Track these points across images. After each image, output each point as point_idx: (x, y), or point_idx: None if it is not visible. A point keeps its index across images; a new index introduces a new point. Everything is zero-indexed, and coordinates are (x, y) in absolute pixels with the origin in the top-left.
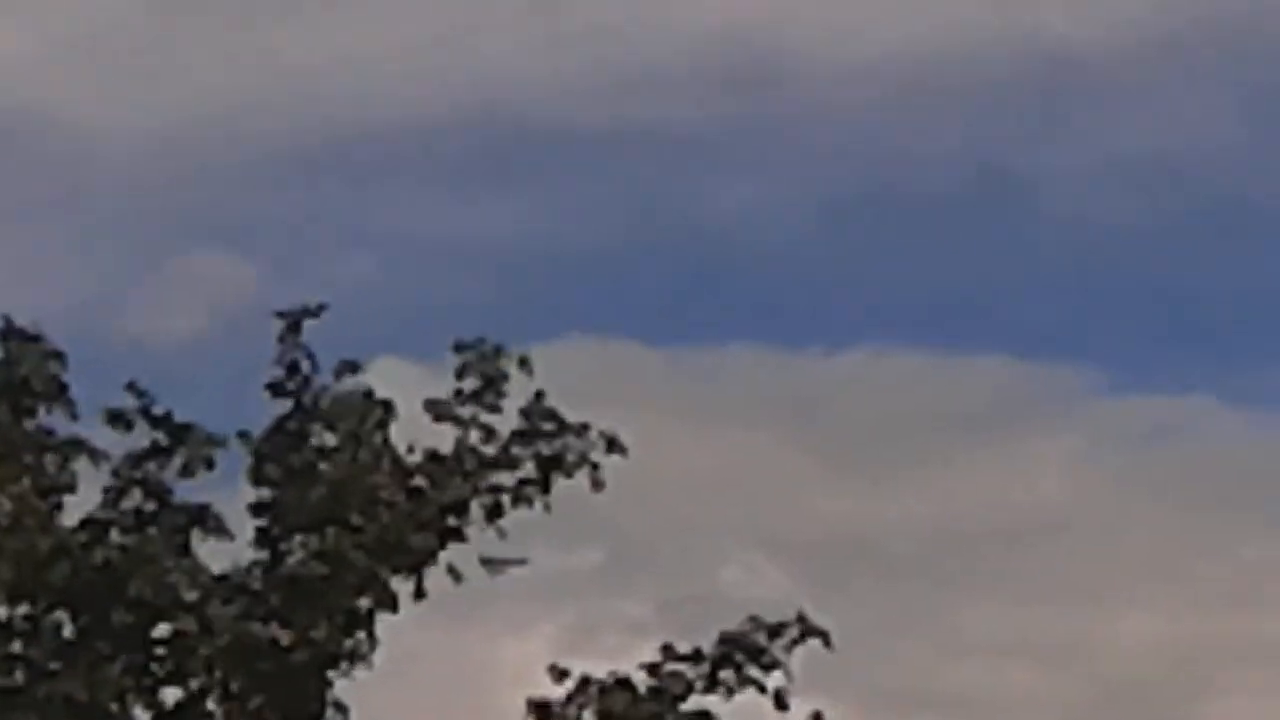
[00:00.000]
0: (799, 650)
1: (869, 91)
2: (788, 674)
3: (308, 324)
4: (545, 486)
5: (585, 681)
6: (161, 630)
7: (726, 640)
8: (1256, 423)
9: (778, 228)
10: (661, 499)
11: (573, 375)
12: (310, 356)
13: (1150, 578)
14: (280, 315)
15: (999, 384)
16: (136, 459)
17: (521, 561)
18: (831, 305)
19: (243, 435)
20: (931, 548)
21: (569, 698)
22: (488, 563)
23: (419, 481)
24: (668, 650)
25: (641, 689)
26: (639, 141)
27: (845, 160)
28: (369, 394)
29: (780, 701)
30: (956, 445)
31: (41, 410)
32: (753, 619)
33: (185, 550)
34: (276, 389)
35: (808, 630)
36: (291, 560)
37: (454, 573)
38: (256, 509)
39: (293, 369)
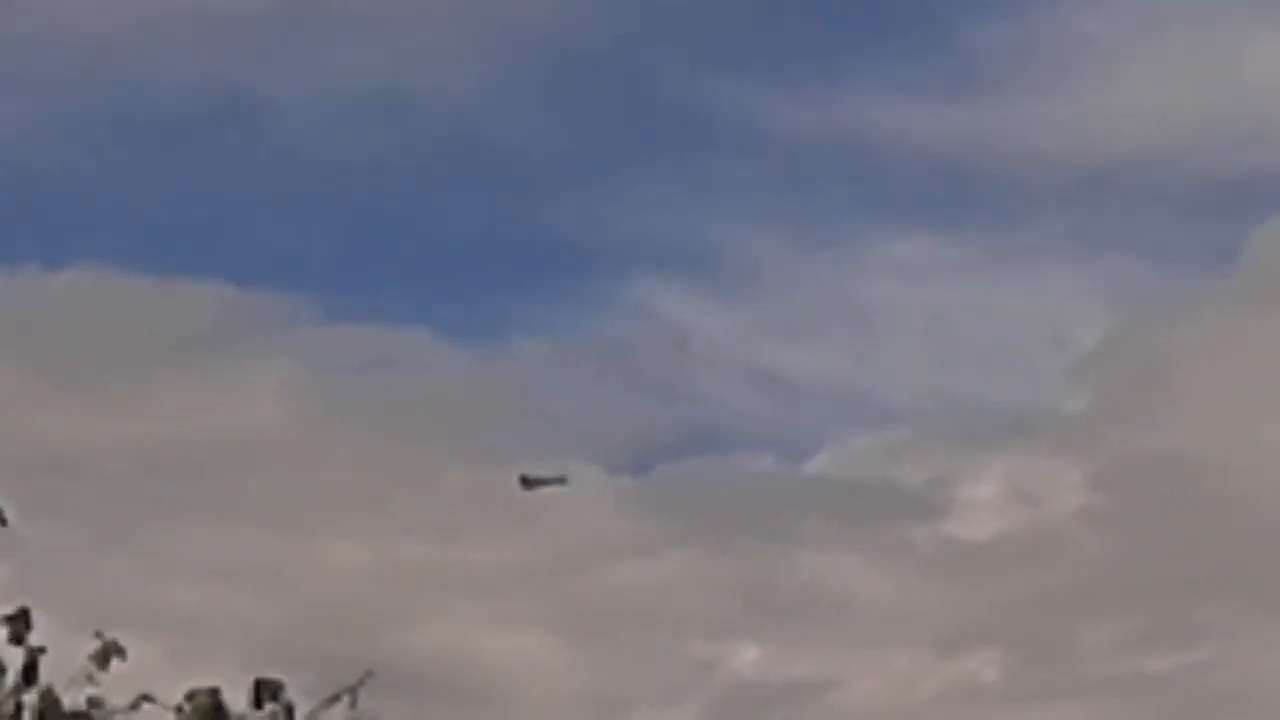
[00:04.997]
0: (8, 563)
1: (115, 17)
2: None
3: None
4: None
5: None
6: None
7: None
8: (466, 354)
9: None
10: None
11: None
12: None
13: (355, 505)
14: None
15: (216, 309)
16: None
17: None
18: (52, 222)
19: None
20: (143, 469)
21: None
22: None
23: None
24: None
25: None
26: None
27: (85, 83)
28: None
29: None
30: (172, 368)
31: None
32: None
33: None
34: None
35: None
36: None
37: None
38: None
39: None
